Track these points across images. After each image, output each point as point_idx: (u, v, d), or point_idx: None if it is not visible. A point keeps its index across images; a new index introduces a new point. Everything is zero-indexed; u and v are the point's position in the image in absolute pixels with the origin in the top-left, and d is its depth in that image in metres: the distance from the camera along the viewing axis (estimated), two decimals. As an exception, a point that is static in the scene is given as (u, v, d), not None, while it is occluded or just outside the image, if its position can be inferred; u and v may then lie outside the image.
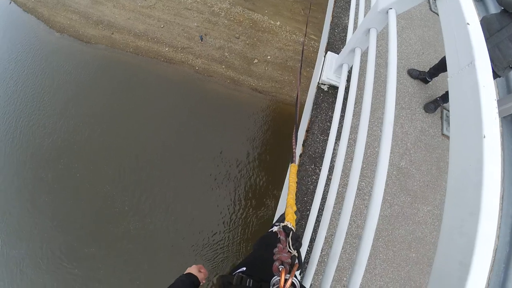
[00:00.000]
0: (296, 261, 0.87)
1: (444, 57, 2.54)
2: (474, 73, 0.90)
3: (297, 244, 0.93)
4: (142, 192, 6.57)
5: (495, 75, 2.20)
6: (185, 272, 1.07)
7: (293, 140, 1.60)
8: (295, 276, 0.77)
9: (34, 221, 6.71)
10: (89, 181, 6.78)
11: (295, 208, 1.15)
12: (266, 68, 7.72)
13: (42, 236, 6.57)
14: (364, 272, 1.97)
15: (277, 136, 7.15)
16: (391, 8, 1.37)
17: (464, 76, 0.94)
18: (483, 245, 0.70)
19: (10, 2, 9.71)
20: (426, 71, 2.70)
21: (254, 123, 7.24)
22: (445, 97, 2.51)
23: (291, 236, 0.93)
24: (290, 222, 1.04)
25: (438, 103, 2.55)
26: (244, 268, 0.91)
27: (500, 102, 2.12)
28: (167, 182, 6.62)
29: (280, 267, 0.80)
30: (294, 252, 0.89)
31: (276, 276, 0.78)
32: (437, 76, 2.68)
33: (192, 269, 1.06)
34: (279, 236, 0.95)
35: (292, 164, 1.42)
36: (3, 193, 7.09)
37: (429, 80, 2.74)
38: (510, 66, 2.10)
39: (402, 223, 2.10)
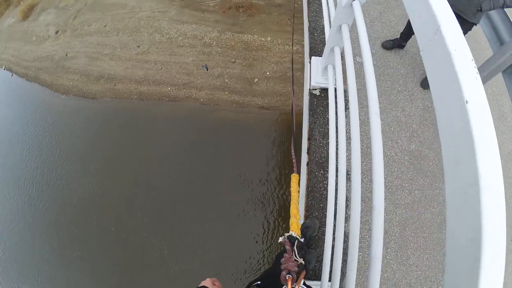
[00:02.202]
0: (304, 268, 0.88)
1: None
2: (442, 40, 0.87)
3: (303, 252, 0.94)
4: (178, 233, 6.62)
5: (471, 25, 2.15)
6: (199, 286, 1.06)
7: (292, 151, 1.60)
8: (304, 283, 0.78)
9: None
10: (124, 230, 6.93)
11: (299, 217, 1.16)
12: (268, 84, 7.82)
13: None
14: (398, 265, 1.88)
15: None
16: (354, 0, 1.37)
17: (434, 46, 0.91)
18: (490, 216, 0.65)
19: (12, 75, 10.45)
20: (398, 37, 2.70)
21: (269, 140, 7.28)
22: None
23: (296, 245, 0.94)
24: (295, 231, 1.04)
25: None
26: (259, 282, 0.93)
27: (496, 57, 2.03)
28: (198, 219, 6.64)
29: (287, 276, 0.82)
30: (301, 260, 0.90)
31: (284, 286, 0.79)
32: (411, 37, 2.67)
33: (207, 282, 1.04)
34: (285, 246, 0.96)
35: (293, 174, 1.43)
36: (37, 250, 7.39)
37: (404, 44, 2.73)
38: (479, 9, 2.03)
39: (427, 206, 2.00)
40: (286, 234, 1.03)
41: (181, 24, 9.00)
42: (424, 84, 2.51)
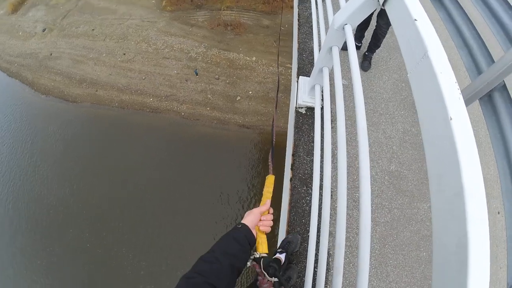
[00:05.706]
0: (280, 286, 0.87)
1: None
2: (429, 63, 0.95)
3: (271, 269, 0.91)
4: (155, 251, 6.36)
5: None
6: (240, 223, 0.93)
7: (270, 157, 1.59)
8: None
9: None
10: (100, 245, 6.57)
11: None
12: (250, 103, 7.91)
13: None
14: (378, 281, 1.91)
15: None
16: (346, 24, 1.46)
17: (421, 69, 0.99)
18: (475, 222, 0.69)
19: None
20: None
21: (247, 158, 7.29)
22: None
23: (263, 264, 0.92)
24: (259, 251, 0.98)
25: None
26: None
27: (473, 85, 2.19)
28: (175, 236, 6.42)
29: None
30: (274, 279, 0.88)
31: None
32: (364, 36, 2.93)
33: (249, 218, 0.93)
34: (255, 269, 0.93)
35: (268, 175, 1.38)
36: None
37: (360, 44, 3.00)
38: None
39: (406, 225, 2.08)
40: (251, 258, 0.95)
41: (169, 36, 9.05)
42: (363, 66, 2.87)
